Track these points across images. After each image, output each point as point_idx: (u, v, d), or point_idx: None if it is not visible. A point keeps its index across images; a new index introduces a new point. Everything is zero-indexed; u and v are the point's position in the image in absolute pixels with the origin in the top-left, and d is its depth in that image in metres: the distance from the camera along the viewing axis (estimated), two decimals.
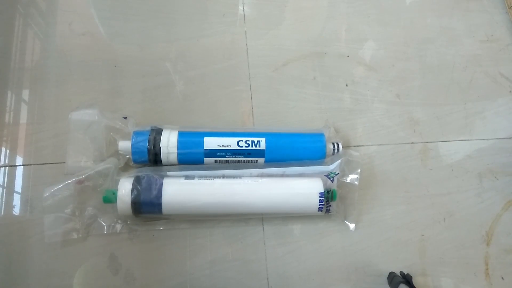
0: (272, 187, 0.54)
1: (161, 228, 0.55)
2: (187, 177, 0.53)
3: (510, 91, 0.69)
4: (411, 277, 0.54)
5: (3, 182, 0.57)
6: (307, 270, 0.56)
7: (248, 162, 0.56)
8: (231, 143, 0.55)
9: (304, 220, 0.58)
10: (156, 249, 0.55)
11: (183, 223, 0.56)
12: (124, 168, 0.57)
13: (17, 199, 0.56)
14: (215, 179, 0.53)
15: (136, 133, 0.54)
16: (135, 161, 0.55)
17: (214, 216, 0.56)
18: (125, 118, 0.57)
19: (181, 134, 0.55)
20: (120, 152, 0.55)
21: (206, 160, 0.55)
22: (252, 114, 0.63)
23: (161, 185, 0.51)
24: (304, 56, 0.68)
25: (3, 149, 0.58)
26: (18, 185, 0.56)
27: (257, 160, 0.56)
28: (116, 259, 0.54)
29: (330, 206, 0.55)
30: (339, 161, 0.56)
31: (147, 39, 0.66)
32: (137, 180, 0.51)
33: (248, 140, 0.56)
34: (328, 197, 0.54)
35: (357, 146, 0.63)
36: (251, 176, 0.55)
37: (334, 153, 0.58)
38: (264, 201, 0.54)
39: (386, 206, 0.60)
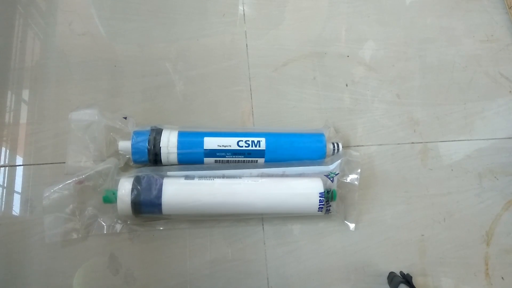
0: (272, 187, 0.54)
1: (161, 228, 0.55)
2: (187, 177, 0.53)
3: (510, 91, 0.69)
4: (411, 277, 0.54)
5: (3, 182, 0.57)
6: (307, 270, 0.56)
7: (248, 162, 0.56)
8: (231, 143, 0.55)
9: (304, 220, 0.58)
10: (156, 249, 0.55)
11: (183, 223, 0.56)
12: (124, 168, 0.57)
13: (17, 199, 0.56)
14: (215, 179, 0.53)
15: (136, 133, 0.54)
16: (135, 161, 0.55)
17: (214, 216, 0.56)
18: (125, 118, 0.57)
19: (181, 134, 0.55)
20: (120, 152, 0.55)
21: (206, 160, 0.55)
22: (252, 114, 0.63)
23: (161, 185, 0.51)
24: (304, 56, 0.68)
25: (3, 149, 0.58)
26: (18, 185, 0.56)
27: (257, 160, 0.56)
28: (116, 259, 0.54)
29: (330, 206, 0.55)
30: (339, 161, 0.56)
31: (147, 39, 0.66)
32: (137, 180, 0.51)
33: (248, 140, 0.56)
34: (328, 197, 0.54)
35: (357, 146, 0.63)
36: (251, 176, 0.55)
37: (334, 153, 0.58)
38: (264, 201, 0.54)
39: (386, 206, 0.60)
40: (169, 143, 0.54)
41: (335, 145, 0.58)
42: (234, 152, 0.55)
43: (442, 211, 0.61)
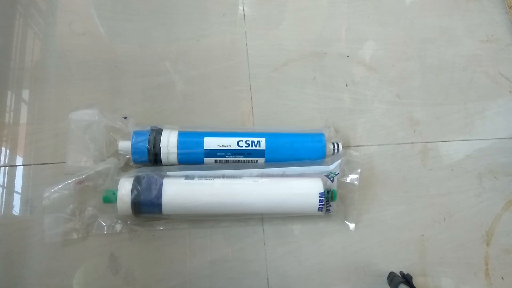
0: (272, 187, 0.54)
1: (161, 228, 0.55)
2: (187, 177, 0.53)
3: (510, 91, 0.69)
4: (411, 277, 0.54)
5: (3, 182, 0.57)
6: (307, 270, 0.56)
7: (248, 162, 0.56)
8: (231, 143, 0.55)
9: (304, 220, 0.58)
10: (156, 249, 0.55)
11: (183, 223, 0.56)
12: (124, 168, 0.57)
13: (17, 199, 0.56)
14: (215, 179, 0.53)
15: (136, 133, 0.54)
16: (135, 161, 0.55)
17: (214, 216, 0.55)
18: (125, 118, 0.57)
19: (181, 134, 0.55)
20: (120, 152, 0.55)
21: (206, 160, 0.55)
22: (252, 114, 0.63)
23: (161, 185, 0.51)
24: (304, 56, 0.68)
25: (3, 149, 0.58)
26: (18, 185, 0.56)
27: (257, 160, 0.56)
28: (116, 259, 0.54)
29: (330, 206, 0.55)
30: (339, 161, 0.56)
31: (147, 39, 0.66)
32: (137, 180, 0.51)
33: (248, 140, 0.56)
34: (328, 197, 0.54)
35: (357, 146, 0.63)
36: (251, 176, 0.55)
37: (334, 153, 0.58)
38: (264, 201, 0.54)
39: (386, 206, 0.60)
40: (169, 143, 0.54)
41: (335, 145, 0.58)
42: (234, 152, 0.55)
43: (442, 211, 0.61)
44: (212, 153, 0.55)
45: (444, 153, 0.64)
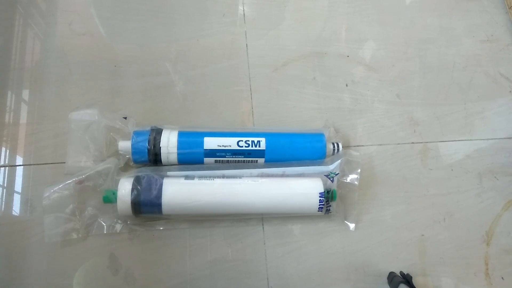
0: (272, 187, 0.54)
1: (161, 228, 0.55)
2: (187, 177, 0.53)
3: (510, 91, 0.69)
4: (411, 277, 0.54)
5: (3, 182, 0.57)
6: (307, 270, 0.56)
7: (248, 162, 0.56)
8: (231, 143, 0.55)
9: (304, 220, 0.58)
10: (156, 249, 0.55)
11: (183, 223, 0.56)
12: (124, 168, 0.57)
13: (17, 199, 0.56)
14: (215, 179, 0.53)
15: (136, 133, 0.55)
16: (135, 161, 0.55)
17: (214, 216, 0.56)
18: (125, 118, 0.57)
19: (181, 134, 0.55)
20: (120, 152, 0.55)
21: (206, 160, 0.55)
22: (252, 114, 0.63)
23: (161, 185, 0.51)
24: (304, 56, 0.68)
25: (3, 149, 0.58)
26: (18, 185, 0.56)
27: (257, 160, 0.56)
28: (116, 259, 0.54)
29: (330, 206, 0.55)
30: (339, 161, 0.56)
31: (147, 39, 0.66)
32: (137, 180, 0.51)
33: (248, 140, 0.56)
34: (328, 197, 0.54)
35: (357, 146, 0.63)
36: (251, 176, 0.55)
37: (334, 153, 0.58)
38: (264, 201, 0.54)
39: (386, 206, 0.60)
40: (169, 143, 0.54)
41: (335, 145, 0.58)
42: (234, 152, 0.55)
43: (442, 211, 0.61)
44: (212, 153, 0.55)
45: (444, 153, 0.64)
